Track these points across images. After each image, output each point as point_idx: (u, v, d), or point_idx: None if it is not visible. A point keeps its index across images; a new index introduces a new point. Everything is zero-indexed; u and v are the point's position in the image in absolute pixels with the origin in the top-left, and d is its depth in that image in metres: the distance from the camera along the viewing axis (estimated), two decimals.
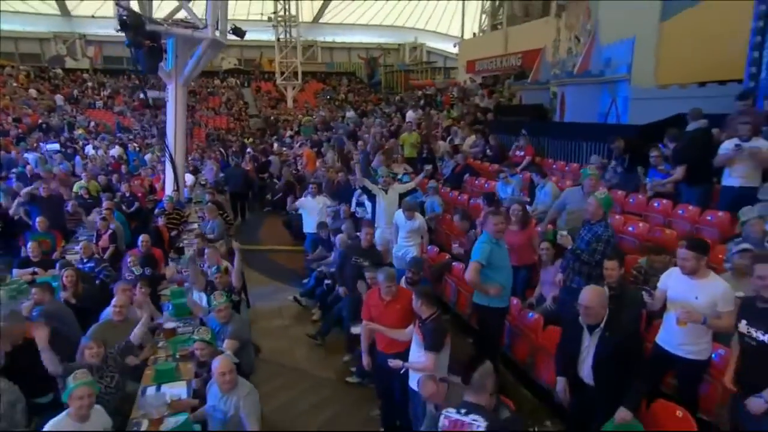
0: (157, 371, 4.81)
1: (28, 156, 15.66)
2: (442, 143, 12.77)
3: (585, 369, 3.81)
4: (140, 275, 6.53)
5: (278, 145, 20.19)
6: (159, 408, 4.27)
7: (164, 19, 10.23)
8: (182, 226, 9.87)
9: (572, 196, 6.34)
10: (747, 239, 4.83)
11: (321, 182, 10.58)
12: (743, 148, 5.96)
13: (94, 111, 27.37)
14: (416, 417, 4.44)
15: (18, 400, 4.28)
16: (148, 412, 4.25)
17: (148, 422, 4.14)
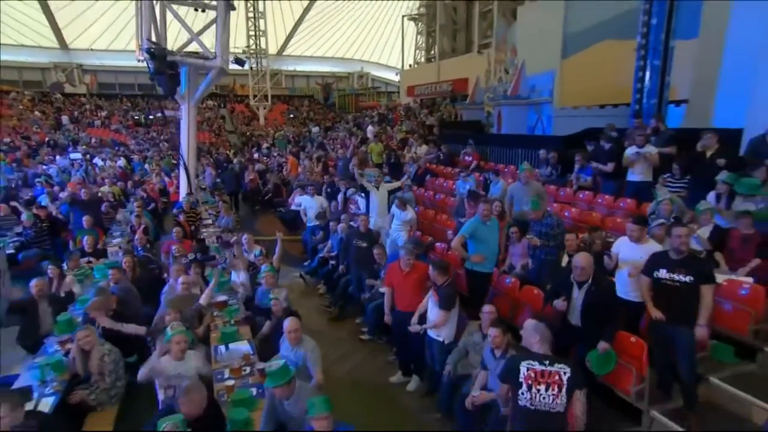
0: (222, 333, 4.95)
1: (48, 168, 14.99)
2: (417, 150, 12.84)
3: (574, 315, 4.14)
4: (193, 259, 6.53)
5: (259, 155, 20.04)
6: (237, 360, 4.44)
7: (178, 51, 10.07)
8: (198, 222, 9.81)
9: (515, 189, 6.80)
10: (659, 215, 5.39)
11: (316, 185, 10.58)
12: (641, 154, 6.63)
13: (94, 129, 26.13)
14: (433, 358, 4.73)
15: (120, 358, 4.33)
16: (229, 364, 4.40)
17: (229, 370, 4.29)
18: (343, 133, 19.88)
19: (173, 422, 2.84)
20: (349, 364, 5.72)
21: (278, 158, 18.02)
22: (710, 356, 4.36)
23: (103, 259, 7.15)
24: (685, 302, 3.80)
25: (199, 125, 30.58)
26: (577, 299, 4.12)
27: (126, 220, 9.30)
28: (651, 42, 8.46)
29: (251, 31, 29.37)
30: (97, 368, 4.15)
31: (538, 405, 2.92)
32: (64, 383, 4.11)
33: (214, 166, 16.70)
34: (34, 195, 11.11)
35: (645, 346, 3.98)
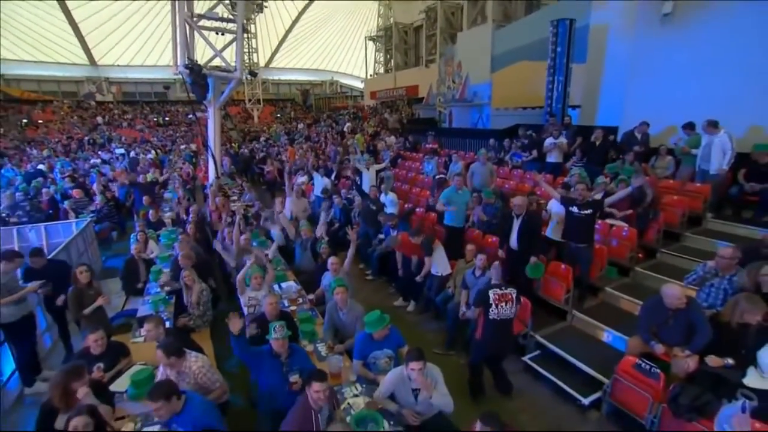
0: (276, 276, 5.15)
1: (95, 161, 14.18)
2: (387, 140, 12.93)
3: (513, 240, 4.68)
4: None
5: (258, 146, 19.60)
6: (292, 293, 4.74)
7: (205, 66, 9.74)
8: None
9: (476, 167, 7.11)
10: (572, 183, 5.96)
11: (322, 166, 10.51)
12: (556, 144, 7.24)
13: (122, 129, 24.55)
14: (431, 288, 5.11)
15: (210, 294, 4.52)
16: (288, 296, 4.69)
17: (288, 300, 4.58)
18: (324, 128, 19.68)
19: (281, 325, 3.00)
20: (360, 296, 5.86)
21: (277, 148, 17.72)
22: (605, 275, 5.07)
23: (164, 228, 7.11)
24: (587, 228, 4.50)
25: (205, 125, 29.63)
26: (514, 228, 4.65)
27: (169, 198, 9.11)
28: (557, 63, 9.03)
29: (246, 49, 28.03)
30: (195, 299, 4.35)
31: (503, 316, 3.50)
32: (171, 313, 4.29)
33: (228, 156, 16.24)
34: (90, 182, 10.61)
35: (570, 271, 4.60)
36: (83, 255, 6.16)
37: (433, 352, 4.54)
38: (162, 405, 2.36)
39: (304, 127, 22.71)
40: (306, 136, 18.35)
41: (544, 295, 4.76)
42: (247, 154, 15.28)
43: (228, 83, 9.89)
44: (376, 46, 27.52)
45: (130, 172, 11.32)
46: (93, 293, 3.93)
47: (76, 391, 2.63)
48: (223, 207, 7.29)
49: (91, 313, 3.86)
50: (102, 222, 7.85)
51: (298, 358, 3.03)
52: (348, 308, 3.73)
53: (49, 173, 11.73)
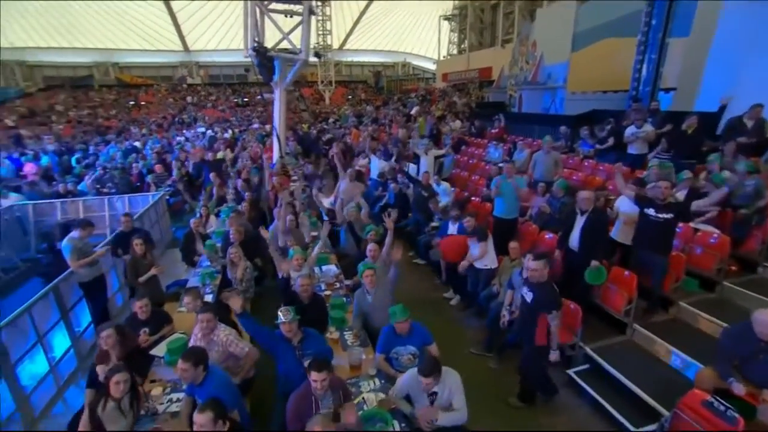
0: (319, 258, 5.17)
1: (180, 138, 15.60)
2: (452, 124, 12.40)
3: (574, 239, 4.16)
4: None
5: (327, 127, 20.10)
6: (330, 277, 4.75)
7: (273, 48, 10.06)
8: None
9: (538, 156, 6.61)
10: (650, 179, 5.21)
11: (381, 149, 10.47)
12: (639, 135, 6.31)
13: (207, 110, 26.72)
14: (477, 283, 4.79)
15: (253, 272, 4.70)
16: (326, 279, 4.72)
17: (325, 284, 4.60)
18: (392, 110, 19.55)
19: (286, 309, 2.98)
20: (406, 284, 5.81)
21: (343, 130, 18.01)
22: (682, 286, 4.37)
23: (225, 204, 7.52)
24: (664, 235, 3.86)
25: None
26: (577, 226, 4.12)
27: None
28: (650, 39, 7.86)
29: (320, 31, 28.70)
30: (240, 275, 4.56)
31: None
32: (216, 286, 4.54)
33: (294, 137, 16.86)
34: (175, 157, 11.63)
35: (635, 279, 4.03)
36: (155, 225, 6.79)
37: (469, 351, 4.31)
38: (189, 368, 2.48)
39: (373, 109, 22.78)
40: (374, 119, 18.38)
41: (602, 304, 4.23)
42: (315, 135, 15.71)
43: (293, 65, 10.16)
44: (450, 25, 26.50)
45: (207, 149, 12.25)
46: (147, 263, 4.28)
47: (110, 352, 2.90)
48: (280, 186, 7.55)
49: (145, 281, 4.21)
50: (176, 195, 8.56)
51: (311, 342, 3.01)
52: (375, 292, 3.63)
53: (142, 149, 13.12)
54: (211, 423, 2.09)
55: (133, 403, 2.68)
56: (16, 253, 6.92)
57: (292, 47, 9.99)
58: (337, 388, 2.55)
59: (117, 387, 2.54)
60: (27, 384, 3.60)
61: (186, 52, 31.14)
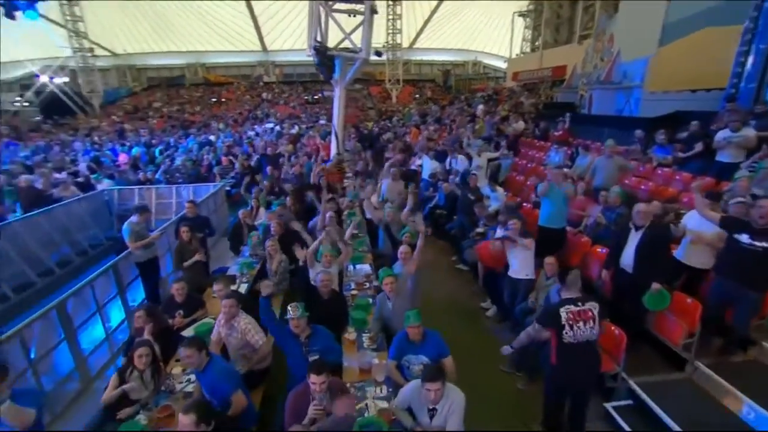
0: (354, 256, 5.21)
1: (250, 133, 16.70)
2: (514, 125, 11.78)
3: (626, 258, 3.71)
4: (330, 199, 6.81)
5: (390, 125, 20.24)
6: (361, 277, 4.73)
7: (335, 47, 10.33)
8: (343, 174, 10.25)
9: (600, 161, 6.02)
10: (735, 193, 4.47)
11: (435, 149, 10.28)
12: (733, 140, 5.44)
13: (279, 106, 28.31)
14: (515, 294, 4.43)
15: (288, 265, 4.83)
16: (355, 279, 4.71)
17: (354, 284, 4.59)
18: (457, 110, 19.14)
19: (295, 305, 3.02)
20: (447, 287, 5.75)
21: (404, 129, 18.02)
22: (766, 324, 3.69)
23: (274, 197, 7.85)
24: (762, 267, 3.19)
25: (348, 103, 32.28)
26: (631, 242, 3.65)
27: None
28: (760, 25, 6.72)
29: (389, 30, 28.96)
30: (275, 268, 4.73)
31: (581, 338, 2.77)
32: (252, 276, 4.75)
33: (356, 134, 17.20)
34: (243, 151, 12.47)
35: (699, 308, 3.48)
36: (212, 214, 7.31)
37: (498, 368, 4.04)
38: (193, 353, 2.59)
39: (438, 108, 22.48)
40: (437, 118, 18.15)
41: (656, 333, 3.72)
42: (376, 133, 15.90)
43: (354, 63, 10.34)
44: (525, 22, 25.22)
45: (272, 144, 12.95)
46: (192, 249, 4.61)
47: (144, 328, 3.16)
48: (326, 182, 7.61)
49: (189, 265, 4.53)
50: (237, 187, 9.16)
51: (319, 339, 3.02)
52: (396, 300, 3.53)
53: (215, 143, 14.26)
54: (193, 425, 2.12)
55: (155, 377, 2.89)
56: (102, 232, 7.89)
57: (352, 46, 10.18)
58: (336, 391, 2.51)
59: (140, 359, 2.75)
60: (86, 347, 4.07)
61: (264, 52, 33.23)
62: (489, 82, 30.46)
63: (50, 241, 6.73)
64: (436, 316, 4.96)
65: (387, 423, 2.51)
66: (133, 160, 11.34)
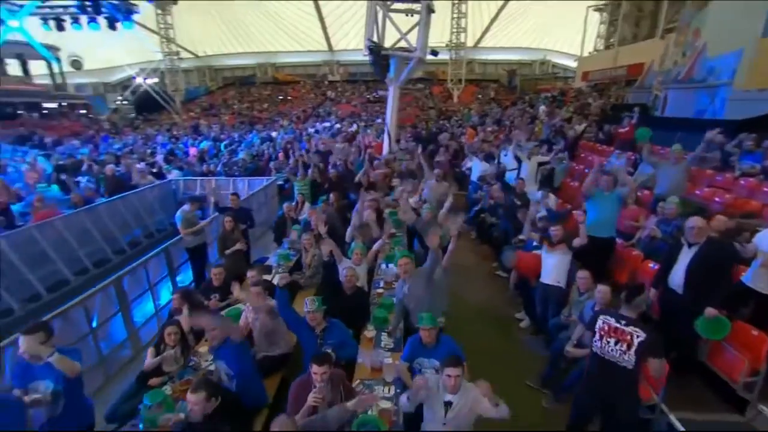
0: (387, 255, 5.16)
1: (311, 130, 17.41)
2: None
3: (675, 277, 3.35)
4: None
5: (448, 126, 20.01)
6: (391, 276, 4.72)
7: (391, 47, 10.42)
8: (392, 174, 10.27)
9: (664, 167, 5.43)
10: None
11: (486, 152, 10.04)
12: None
13: (341, 105, 29.11)
14: (546, 305, 4.20)
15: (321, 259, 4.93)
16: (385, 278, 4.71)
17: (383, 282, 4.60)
18: (518, 111, 18.41)
19: (312, 299, 3.13)
20: (483, 294, 5.58)
21: (461, 129, 17.70)
22: None
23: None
24: None
25: (409, 103, 32.38)
26: (682, 260, 3.29)
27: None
28: None
29: (453, 29, 28.49)
30: (308, 261, 4.89)
31: (607, 355, 2.57)
32: (288, 268, 4.94)
33: (412, 133, 17.19)
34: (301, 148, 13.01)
35: (766, 342, 3.04)
36: (262, 206, 7.74)
37: (525, 383, 3.84)
38: (218, 328, 2.78)
39: (499, 109, 21.78)
40: (497, 119, 17.60)
41: (710, 366, 3.30)
42: (432, 133, 15.75)
43: (408, 63, 10.35)
44: (601, 17, 23.48)
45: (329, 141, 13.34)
46: (234, 238, 4.91)
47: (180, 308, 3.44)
48: (368, 180, 7.68)
49: (230, 253, 4.84)
50: (289, 181, 9.57)
51: (334, 332, 3.08)
52: (412, 283, 3.49)
53: (276, 139, 15.03)
54: (203, 401, 2.28)
55: (184, 353, 3.14)
56: (168, 218, 8.69)
57: (408, 45, 10.20)
58: (337, 383, 2.56)
59: (169, 336, 3.01)
60: (137, 320, 4.52)
61: (330, 51, 34.37)
62: (557, 83, 28.88)
63: (125, 223, 7.56)
64: (468, 322, 4.85)
65: (386, 424, 2.50)
66: (201, 153, 12.34)
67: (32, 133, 17.74)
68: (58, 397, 2.44)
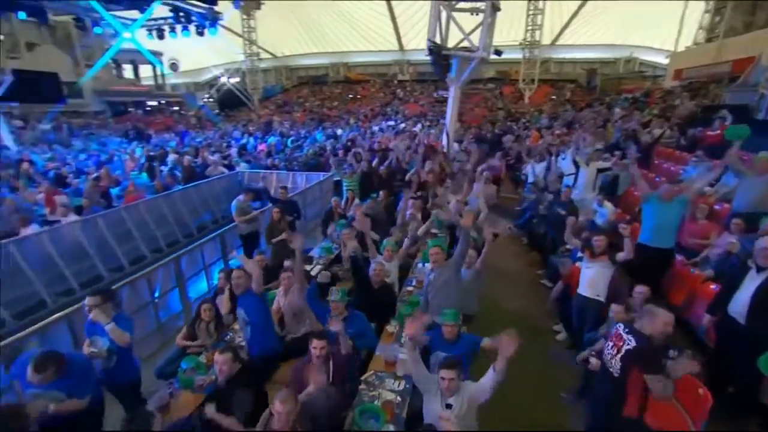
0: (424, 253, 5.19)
1: (375, 128, 17.84)
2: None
3: (737, 305, 3.00)
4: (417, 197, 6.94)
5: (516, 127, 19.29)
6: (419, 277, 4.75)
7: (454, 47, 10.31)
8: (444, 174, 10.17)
9: (745, 179, 4.71)
10: None
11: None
12: None
13: (409, 104, 29.35)
14: (583, 317, 3.98)
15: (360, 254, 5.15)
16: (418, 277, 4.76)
17: (416, 281, 4.66)
18: (593, 113, 17.19)
19: (336, 289, 3.33)
20: (523, 302, 5.40)
21: (527, 132, 16.97)
22: None
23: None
24: None
25: (477, 103, 31.64)
26: (747, 286, 2.94)
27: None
28: None
29: (529, 26, 27.26)
30: (346, 255, 5.08)
31: (605, 358, 2.56)
32: (329, 261, 5.19)
33: (475, 135, 16.82)
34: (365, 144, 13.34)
35: None
36: (316, 200, 8.13)
37: (560, 395, 3.68)
38: (242, 275, 3.14)
39: (573, 112, 20.51)
40: (568, 122, 16.62)
41: None
42: (497, 135, 15.31)
43: (470, 63, 10.17)
44: (706, 5, 20.87)
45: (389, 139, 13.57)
46: (281, 228, 5.26)
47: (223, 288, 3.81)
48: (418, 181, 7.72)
49: (276, 242, 5.20)
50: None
51: (354, 322, 3.23)
52: (439, 273, 3.54)
53: (340, 136, 15.61)
54: (230, 361, 2.58)
55: (217, 329, 3.48)
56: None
57: (470, 45, 10.04)
58: (327, 360, 2.70)
59: (205, 312, 3.36)
60: (191, 296, 5.05)
61: (401, 51, 34.73)
62: (644, 82, 26.31)
63: (195, 210, 8.41)
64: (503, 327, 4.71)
65: (388, 415, 2.57)
66: (269, 148, 13.23)
67: (136, 127, 20.35)
68: (112, 354, 2.87)
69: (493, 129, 19.78)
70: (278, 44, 33.74)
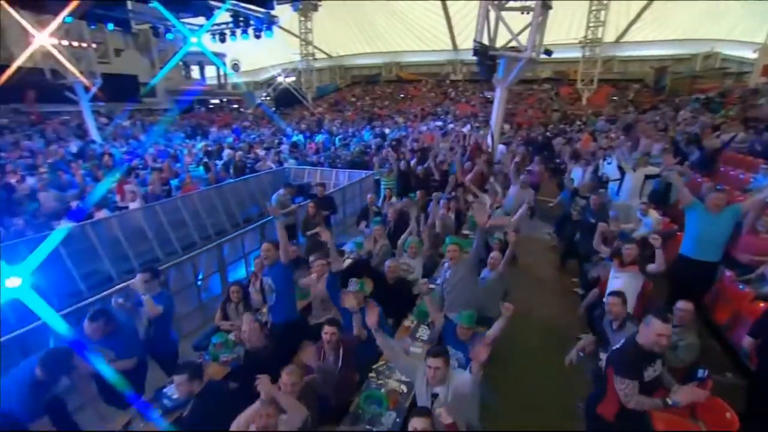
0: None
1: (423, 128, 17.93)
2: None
3: None
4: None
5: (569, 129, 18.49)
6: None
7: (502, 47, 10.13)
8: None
9: None
10: None
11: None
12: None
13: (460, 104, 29.02)
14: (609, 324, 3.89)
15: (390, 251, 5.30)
16: None
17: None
18: (657, 116, 16.01)
19: (355, 280, 3.50)
20: (552, 309, 5.28)
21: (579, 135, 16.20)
22: None
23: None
24: None
25: (531, 105, 30.50)
26: None
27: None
28: None
29: (591, 23, 25.81)
30: (378, 250, 5.25)
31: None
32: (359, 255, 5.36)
33: (523, 138, 16.32)
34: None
35: None
36: (356, 197, 8.38)
37: (577, 405, 3.59)
38: (271, 248, 3.47)
39: (634, 114, 19.22)
40: (627, 125, 15.62)
41: None
42: (548, 137, 14.82)
43: (518, 63, 9.94)
44: None
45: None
46: (316, 222, 5.54)
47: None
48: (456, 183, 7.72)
49: (310, 235, 5.50)
50: None
51: None
52: (455, 270, 3.61)
53: (388, 135, 15.84)
54: (258, 329, 2.99)
55: (246, 310, 3.80)
56: None
57: (518, 45, 9.81)
58: (337, 347, 2.87)
59: (233, 294, 3.69)
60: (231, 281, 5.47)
61: (454, 50, 34.36)
62: (724, 80, 23.83)
63: (242, 202, 9.01)
64: (529, 335, 4.66)
65: (391, 403, 2.70)
66: (317, 146, 13.75)
67: (198, 124, 21.99)
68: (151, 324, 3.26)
69: (544, 131, 19.11)
70: (333, 44, 34.72)
